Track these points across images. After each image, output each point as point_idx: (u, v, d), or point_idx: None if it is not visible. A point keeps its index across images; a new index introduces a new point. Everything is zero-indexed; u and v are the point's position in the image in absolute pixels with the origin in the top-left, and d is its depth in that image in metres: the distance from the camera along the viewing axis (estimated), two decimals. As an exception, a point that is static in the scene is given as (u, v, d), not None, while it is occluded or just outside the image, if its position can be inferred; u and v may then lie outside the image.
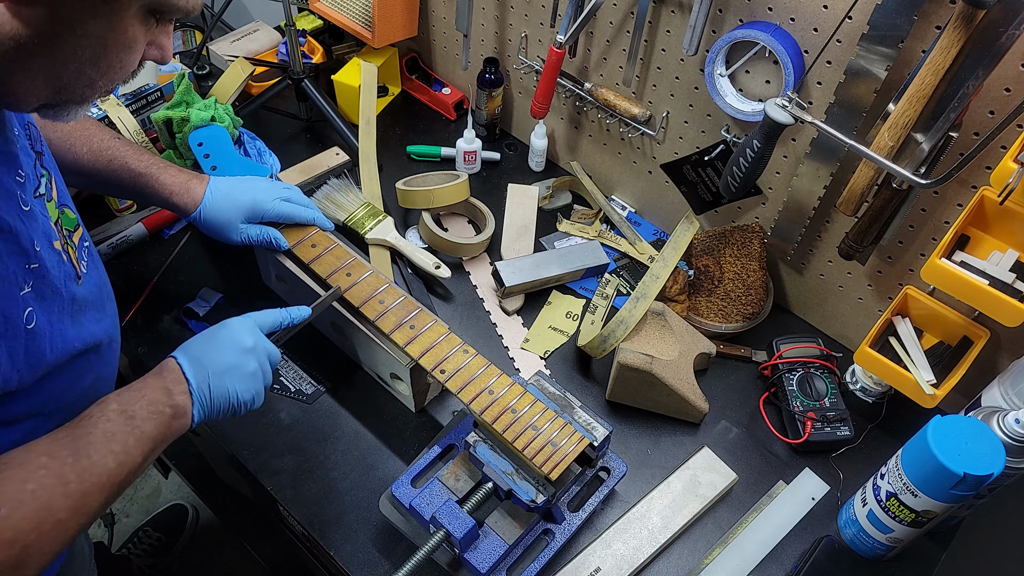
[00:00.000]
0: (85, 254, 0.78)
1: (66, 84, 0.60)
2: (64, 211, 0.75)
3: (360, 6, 1.39)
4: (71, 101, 0.63)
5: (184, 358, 0.78)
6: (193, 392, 0.76)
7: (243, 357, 0.81)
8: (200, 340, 0.81)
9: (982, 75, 0.80)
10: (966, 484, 0.78)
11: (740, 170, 0.99)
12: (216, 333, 0.82)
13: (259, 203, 1.01)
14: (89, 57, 0.59)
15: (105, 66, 0.60)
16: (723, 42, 1.01)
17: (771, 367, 1.10)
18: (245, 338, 0.82)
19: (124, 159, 0.98)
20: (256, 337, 0.83)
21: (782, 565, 0.96)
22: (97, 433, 0.68)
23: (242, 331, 0.82)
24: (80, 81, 0.60)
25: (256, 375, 0.82)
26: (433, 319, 0.97)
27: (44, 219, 0.68)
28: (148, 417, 0.72)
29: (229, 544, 1.79)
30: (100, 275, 0.81)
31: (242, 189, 1.01)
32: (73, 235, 0.76)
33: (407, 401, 1.05)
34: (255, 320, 0.85)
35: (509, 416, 0.87)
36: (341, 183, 1.24)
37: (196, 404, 0.77)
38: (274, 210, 1.02)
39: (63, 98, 0.62)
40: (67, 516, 0.64)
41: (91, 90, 0.62)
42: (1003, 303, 0.82)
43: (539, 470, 0.84)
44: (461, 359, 0.93)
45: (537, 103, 1.23)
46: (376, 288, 0.99)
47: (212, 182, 1.01)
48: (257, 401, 0.82)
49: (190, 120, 1.22)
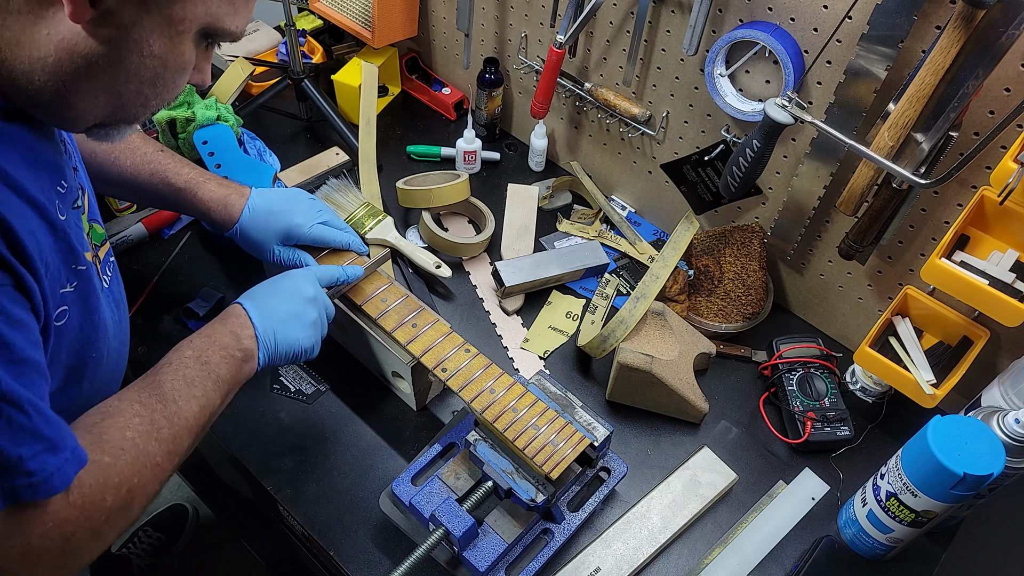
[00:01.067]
0: (109, 268, 0.80)
1: (125, 103, 0.63)
2: (93, 226, 0.77)
3: (360, 6, 1.39)
4: (124, 120, 0.66)
5: (250, 304, 0.83)
6: (259, 337, 0.81)
7: (305, 306, 0.86)
8: (265, 287, 0.86)
9: (982, 75, 0.80)
10: (966, 484, 0.78)
11: (740, 170, 0.99)
12: (280, 282, 0.87)
13: (295, 227, 0.98)
14: (149, 77, 0.62)
15: (161, 86, 0.64)
16: (723, 42, 1.01)
17: (771, 367, 1.10)
18: (307, 288, 0.87)
19: (165, 173, 0.98)
20: (316, 289, 0.88)
21: (782, 565, 0.96)
22: (179, 380, 0.74)
23: (305, 282, 0.87)
24: (137, 100, 0.64)
25: (316, 324, 0.87)
26: (435, 318, 0.97)
27: (78, 230, 0.70)
28: (221, 361, 0.77)
29: (229, 544, 1.79)
30: (120, 289, 0.83)
31: (279, 212, 0.99)
32: (100, 249, 0.78)
33: (408, 400, 1.05)
34: (315, 273, 0.90)
35: (510, 415, 0.88)
36: (340, 183, 1.24)
37: (262, 348, 0.81)
38: (309, 235, 1.00)
39: (118, 117, 0.65)
40: (163, 459, 0.69)
41: (144, 110, 0.65)
42: (1003, 303, 0.82)
43: (539, 469, 0.84)
44: (462, 358, 0.93)
45: (537, 103, 1.23)
46: (378, 287, 0.99)
47: (251, 199, 0.99)
48: (315, 350, 0.87)
49: (195, 119, 1.23)
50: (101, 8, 0.56)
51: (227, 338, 0.79)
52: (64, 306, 0.65)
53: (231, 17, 0.63)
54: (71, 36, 0.57)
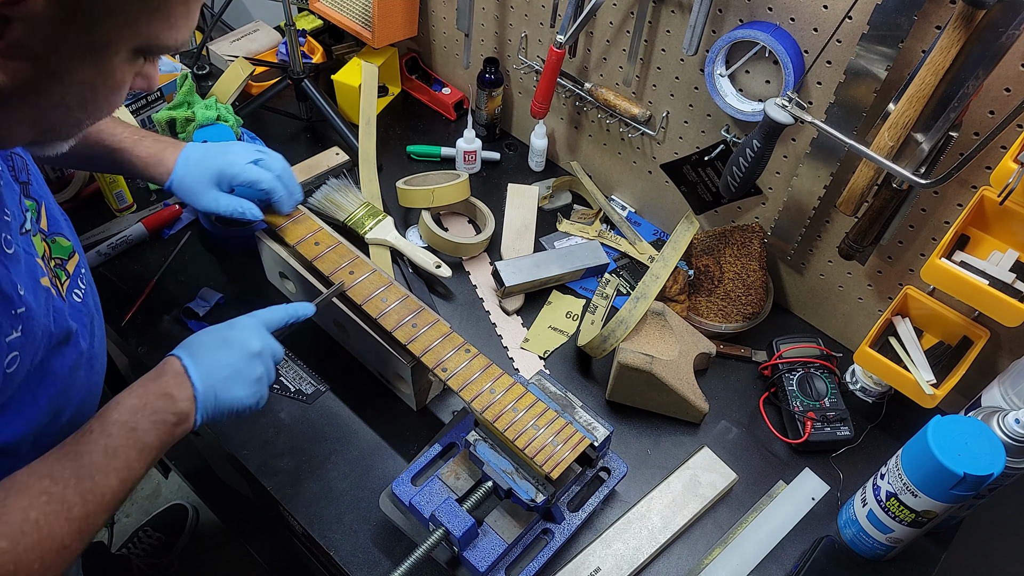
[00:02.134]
0: (82, 281, 0.76)
1: (53, 126, 0.59)
2: (56, 240, 0.74)
3: (360, 6, 1.39)
4: (57, 139, 0.62)
5: (190, 361, 0.76)
6: (198, 398, 0.74)
7: (250, 362, 0.79)
8: (206, 343, 0.78)
9: (982, 75, 0.80)
10: (966, 484, 0.78)
11: (740, 170, 0.99)
12: (223, 335, 0.80)
13: (228, 166, 0.96)
14: (77, 103, 0.58)
15: (93, 108, 0.60)
16: (723, 42, 1.01)
17: (771, 367, 1.10)
18: (252, 341, 0.80)
19: (99, 135, 0.96)
20: (263, 339, 0.81)
21: (782, 565, 0.96)
22: (98, 451, 0.67)
23: (249, 334, 0.80)
24: (67, 123, 0.60)
25: (261, 379, 0.80)
26: (435, 318, 0.97)
27: (29, 257, 0.66)
28: (151, 428, 0.71)
29: (229, 544, 1.79)
30: (95, 300, 0.80)
31: (213, 154, 0.98)
32: (67, 263, 0.74)
33: (408, 400, 1.05)
34: (261, 320, 0.83)
35: (510, 415, 0.87)
36: (340, 183, 1.24)
37: (200, 410, 0.75)
38: (243, 175, 0.97)
39: (49, 138, 0.61)
40: (71, 540, 0.64)
41: (78, 128, 0.62)
42: (1003, 303, 0.82)
43: (540, 469, 0.84)
44: (463, 358, 0.93)
45: (537, 103, 1.23)
46: (378, 286, 0.99)
47: (185, 149, 0.98)
48: (261, 403, 0.81)
49: (196, 119, 1.23)
50: (8, 40, 0.50)
51: (161, 401, 0.72)
52: (14, 352, 0.62)
53: (168, 32, 0.57)
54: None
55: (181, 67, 1.39)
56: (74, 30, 0.52)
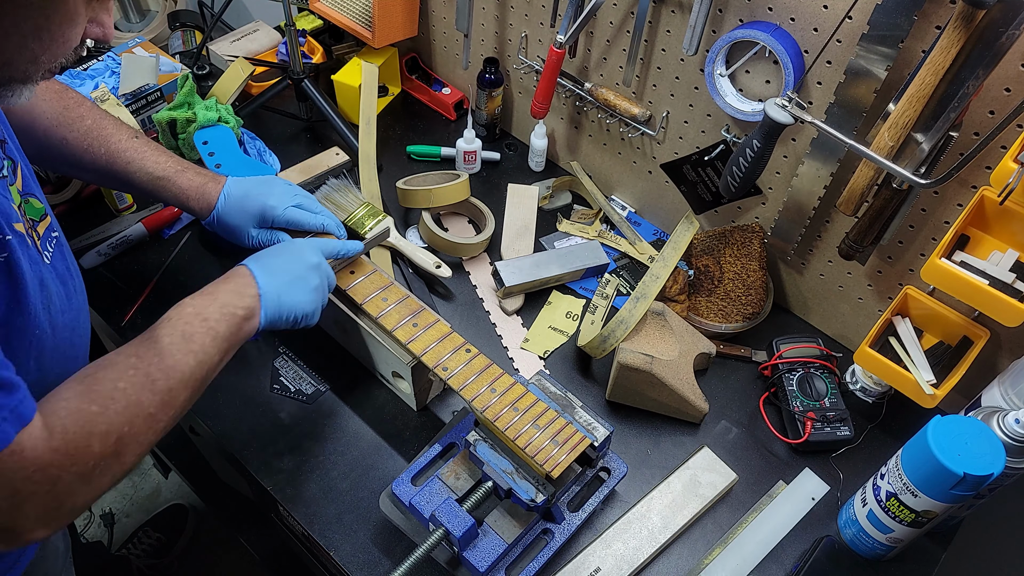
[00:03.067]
0: (51, 244, 0.78)
1: (8, 59, 0.60)
2: (29, 200, 0.76)
3: (360, 6, 1.39)
4: (14, 79, 0.63)
5: (255, 265, 0.84)
6: (262, 297, 0.82)
7: (309, 272, 0.88)
8: (270, 251, 0.88)
9: (982, 75, 0.80)
10: (966, 484, 0.78)
11: (740, 170, 0.99)
12: (286, 247, 0.89)
13: (269, 209, 1.00)
14: (31, 30, 0.59)
15: (48, 40, 0.60)
16: (723, 42, 1.01)
17: (771, 367, 1.10)
18: (311, 255, 0.89)
19: (143, 162, 0.99)
20: (320, 257, 0.90)
21: (782, 565, 0.96)
22: (177, 335, 0.74)
23: (309, 249, 0.90)
24: (23, 56, 0.61)
25: (318, 290, 0.88)
26: (436, 318, 0.97)
27: (5, 200, 0.68)
28: (221, 318, 0.78)
29: (229, 544, 1.79)
30: (67, 265, 0.81)
31: (254, 195, 1.01)
32: (38, 225, 0.76)
33: (408, 399, 1.05)
34: (319, 243, 0.93)
35: (510, 415, 0.88)
36: (340, 183, 1.24)
37: (264, 308, 0.82)
38: (283, 217, 1.01)
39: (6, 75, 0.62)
40: (157, 410, 0.71)
41: (34, 66, 0.62)
42: (1003, 303, 0.82)
43: (540, 468, 0.84)
44: (463, 358, 0.93)
45: (537, 103, 1.23)
46: (379, 286, 1.00)
47: (227, 186, 1.01)
48: (315, 317, 0.88)
49: (196, 120, 1.23)
50: None
51: (230, 296, 0.80)
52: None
53: None
54: None
55: (181, 67, 1.39)
56: None
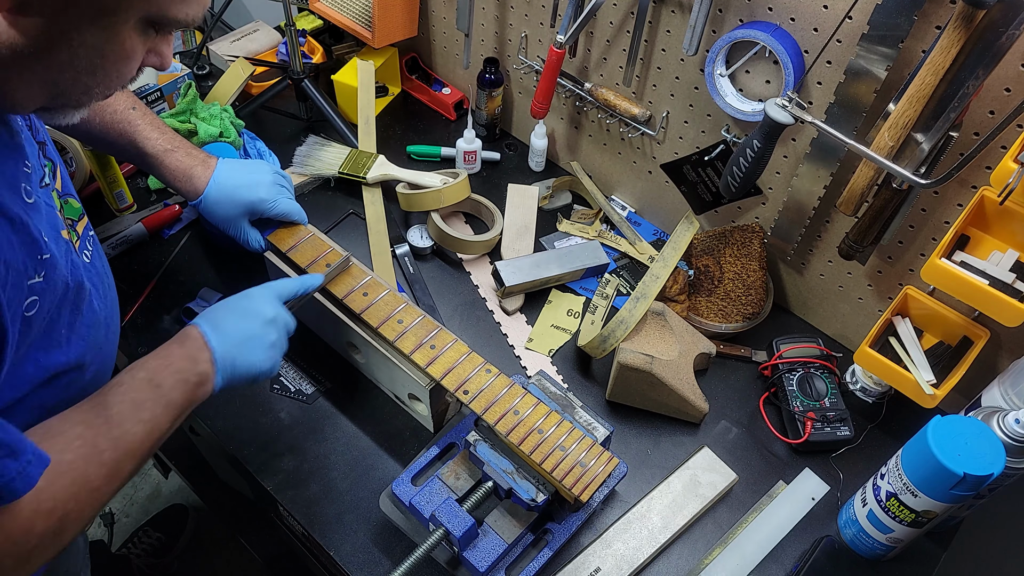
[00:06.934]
0: (90, 243, 0.79)
1: (63, 90, 0.61)
2: (68, 201, 0.76)
3: (360, 6, 1.39)
4: (68, 106, 0.64)
5: (207, 327, 0.80)
6: (217, 362, 0.79)
7: (265, 328, 0.84)
8: (222, 309, 0.83)
9: (982, 75, 0.80)
10: (966, 484, 0.78)
11: (740, 170, 0.99)
12: (238, 303, 0.84)
13: (260, 203, 1.00)
14: (86, 67, 0.59)
15: (102, 75, 0.61)
16: (723, 42, 1.01)
17: (771, 367, 1.10)
18: (266, 309, 0.85)
19: (134, 135, 0.99)
20: (276, 308, 0.86)
21: (782, 565, 0.96)
22: (127, 403, 0.71)
23: (263, 302, 0.85)
24: (76, 88, 0.61)
25: (275, 345, 0.85)
26: (453, 338, 0.95)
27: (50, 209, 0.69)
28: (175, 385, 0.75)
29: (229, 544, 1.79)
30: (103, 264, 0.82)
31: (245, 186, 1.01)
32: (77, 224, 0.77)
33: (426, 421, 1.03)
34: (274, 290, 0.88)
35: (535, 437, 0.87)
36: (316, 140, 1.24)
37: (219, 372, 0.79)
38: (275, 210, 1.01)
39: (60, 103, 0.63)
40: (102, 483, 0.67)
41: (88, 96, 0.63)
42: (1003, 303, 0.82)
43: (568, 493, 0.85)
44: (484, 379, 0.91)
45: (537, 103, 1.23)
46: (394, 308, 0.97)
47: (217, 171, 1.01)
48: (274, 370, 0.85)
49: (198, 135, 1.23)
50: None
51: (183, 361, 0.76)
52: (35, 296, 0.64)
53: (179, 5, 0.59)
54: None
55: (181, 67, 1.39)
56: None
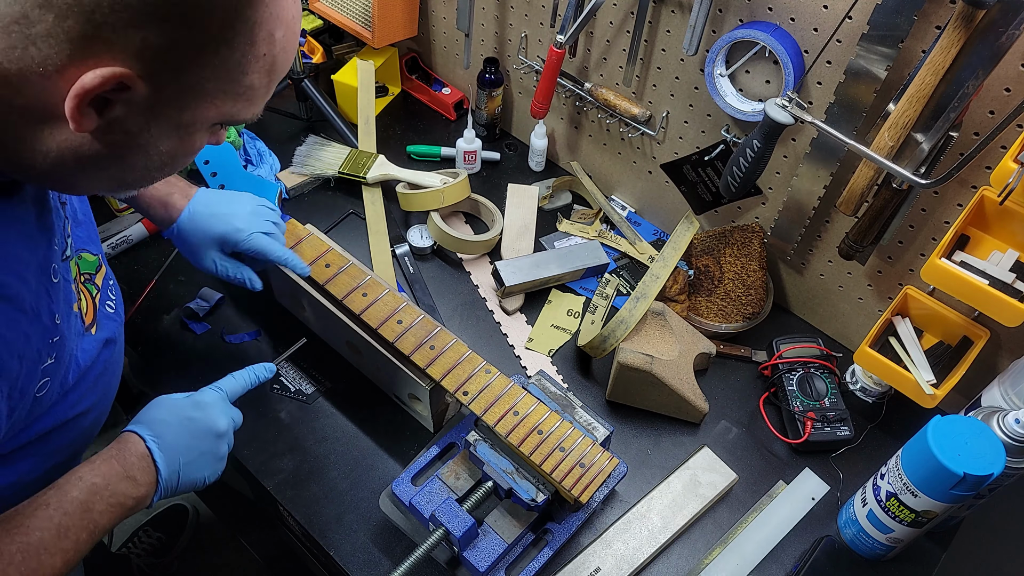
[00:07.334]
0: (111, 292, 0.78)
1: (128, 183, 0.64)
2: (82, 256, 0.75)
3: (360, 6, 1.39)
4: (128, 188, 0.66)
5: (154, 444, 0.74)
6: (161, 482, 0.74)
7: (216, 443, 0.79)
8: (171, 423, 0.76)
9: (982, 75, 0.80)
10: (966, 484, 0.78)
11: (740, 170, 0.99)
12: (191, 417, 0.78)
13: (234, 233, 0.93)
14: (157, 165, 0.62)
15: (169, 170, 0.64)
16: (723, 42, 1.01)
17: (771, 367, 1.10)
18: (220, 421, 0.79)
19: None
20: (228, 416, 0.81)
21: (782, 565, 0.96)
22: (51, 529, 0.66)
23: (215, 413, 0.79)
24: (143, 181, 0.64)
25: (223, 457, 0.80)
26: (453, 338, 0.95)
27: (67, 284, 0.69)
28: (106, 510, 0.70)
29: (229, 544, 1.79)
30: (119, 306, 0.82)
31: (219, 216, 0.94)
32: (95, 277, 0.76)
33: (426, 422, 1.03)
34: (226, 393, 0.82)
35: (535, 438, 0.87)
36: (316, 140, 1.23)
37: (160, 492, 0.75)
38: (247, 244, 0.94)
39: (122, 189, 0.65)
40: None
41: (148, 183, 0.66)
42: (1003, 303, 0.82)
43: (569, 494, 0.84)
44: (484, 379, 0.91)
45: (537, 103, 1.23)
46: (394, 308, 0.96)
47: (194, 200, 0.94)
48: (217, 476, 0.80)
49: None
50: (107, 117, 0.54)
51: (123, 484, 0.71)
52: (46, 378, 0.65)
53: (248, 109, 0.61)
54: (75, 140, 0.55)
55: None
56: (167, 112, 0.56)
